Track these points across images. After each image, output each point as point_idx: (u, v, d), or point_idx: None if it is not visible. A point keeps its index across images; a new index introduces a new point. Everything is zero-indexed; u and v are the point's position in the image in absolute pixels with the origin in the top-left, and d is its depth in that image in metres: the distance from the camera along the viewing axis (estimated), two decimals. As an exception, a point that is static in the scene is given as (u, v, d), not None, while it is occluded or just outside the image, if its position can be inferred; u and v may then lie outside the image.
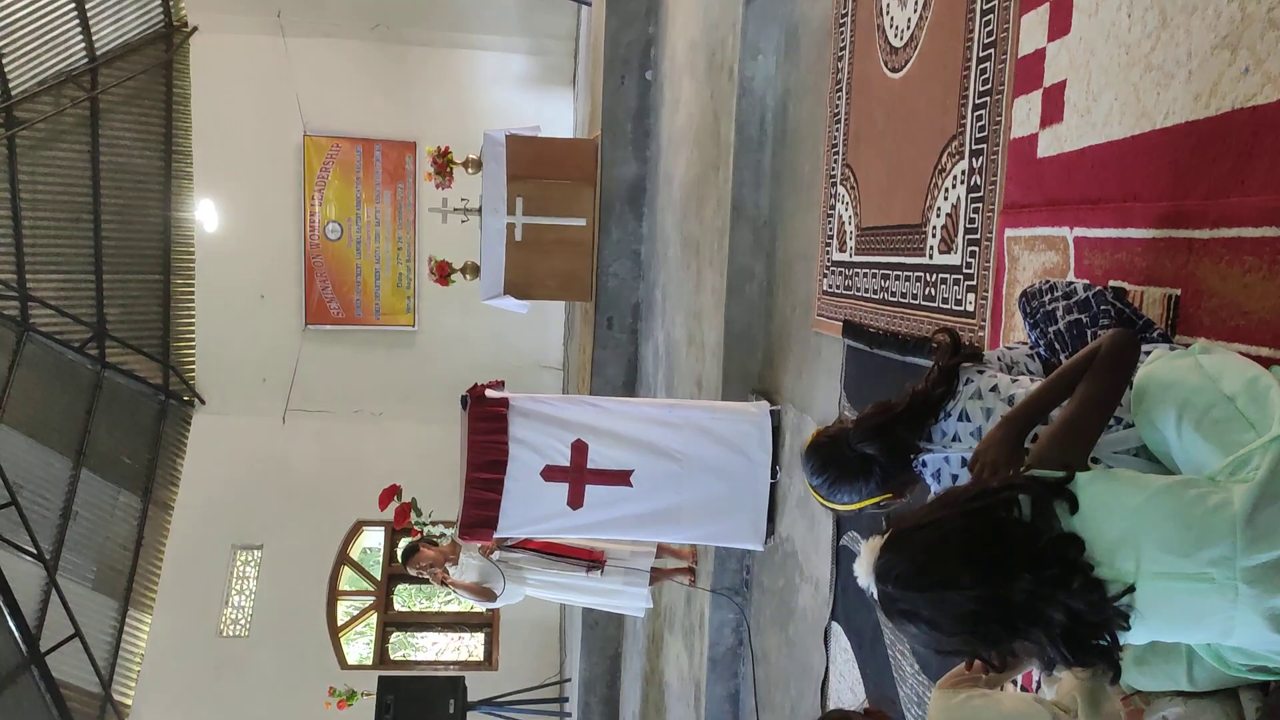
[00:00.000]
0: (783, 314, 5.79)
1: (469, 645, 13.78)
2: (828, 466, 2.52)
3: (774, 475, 5.58)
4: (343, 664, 12.77)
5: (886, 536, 1.85)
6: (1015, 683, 2.86)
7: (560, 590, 6.84)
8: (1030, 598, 1.72)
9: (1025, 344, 2.63)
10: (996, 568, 1.74)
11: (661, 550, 6.87)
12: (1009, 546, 1.75)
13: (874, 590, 1.83)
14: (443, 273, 10.03)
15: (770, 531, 5.65)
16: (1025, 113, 3.07)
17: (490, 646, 13.39)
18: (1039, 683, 2.60)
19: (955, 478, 2.40)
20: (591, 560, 6.70)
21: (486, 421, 5.39)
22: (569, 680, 11.35)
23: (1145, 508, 1.74)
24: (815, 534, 5.15)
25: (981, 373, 2.43)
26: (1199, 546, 1.67)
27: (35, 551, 10.53)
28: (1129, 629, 1.72)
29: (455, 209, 9.74)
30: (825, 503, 2.56)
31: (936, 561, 1.78)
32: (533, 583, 6.74)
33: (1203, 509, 1.69)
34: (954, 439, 2.37)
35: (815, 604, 5.11)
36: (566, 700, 11.34)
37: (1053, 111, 2.93)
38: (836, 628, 4.82)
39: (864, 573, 1.85)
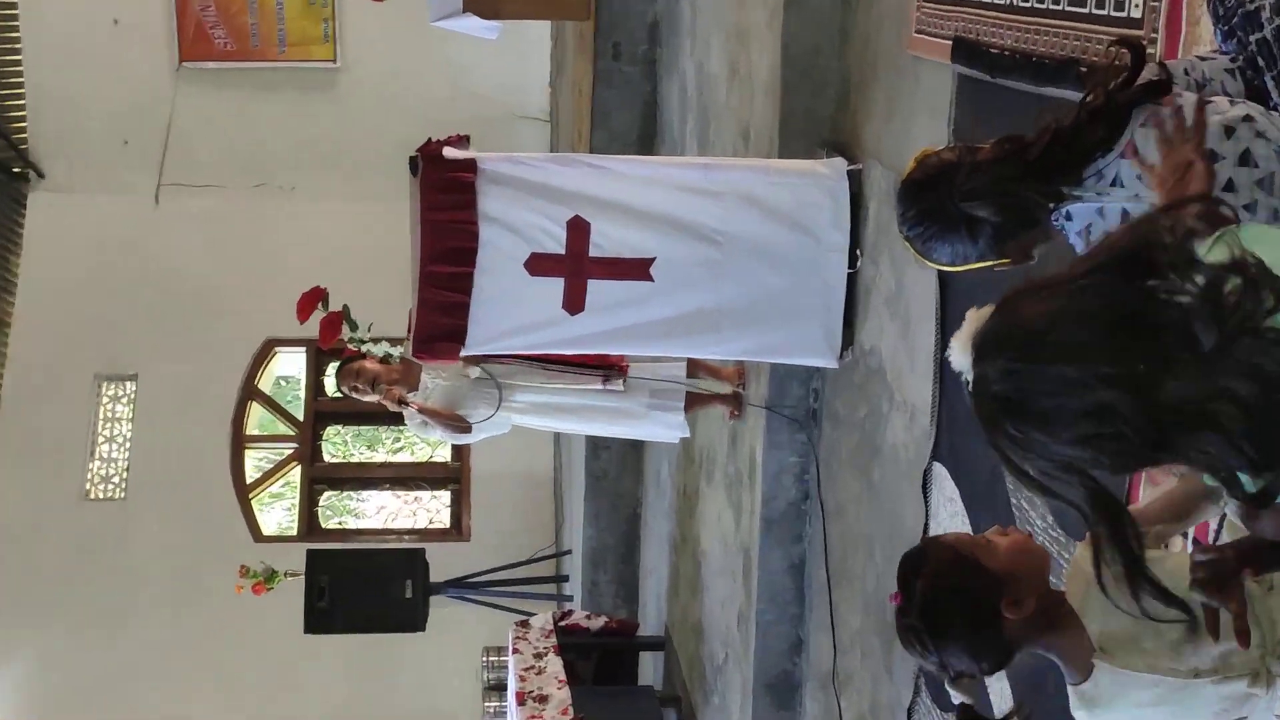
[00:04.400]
0: (864, 31, 5.68)
1: (429, 508, 14.00)
2: (925, 217, 2.61)
3: (853, 263, 5.55)
4: (257, 535, 13.02)
5: (998, 302, 1.86)
6: (1185, 536, 2.93)
7: (563, 414, 7.03)
8: (1195, 377, 1.67)
9: (1227, 54, 2.62)
10: (1147, 343, 1.70)
11: (695, 367, 6.88)
12: (1166, 323, 1.70)
13: (969, 373, 1.85)
14: (373, -19, 9.83)
15: (848, 341, 5.64)
16: None
17: (459, 509, 13.57)
18: (1217, 532, 2.70)
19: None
20: (608, 367, 6.80)
21: (446, 193, 5.39)
22: (568, 553, 11.58)
23: None
24: (910, 342, 5.22)
25: None
26: None
27: None
28: None
29: (386, -115, 9.51)
30: (921, 259, 2.68)
31: (1062, 325, 1.75)
32: (523, 405, 6.85)
33: None
34: (1113, 183, 2.38)
35: (910, 438, 5.22)
36: (565, 580, 11.59)
37: None
38: (939, 469, 4.94)
39: (960, 346, 1.87)
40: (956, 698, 2.36)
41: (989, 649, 2.32)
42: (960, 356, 1.87)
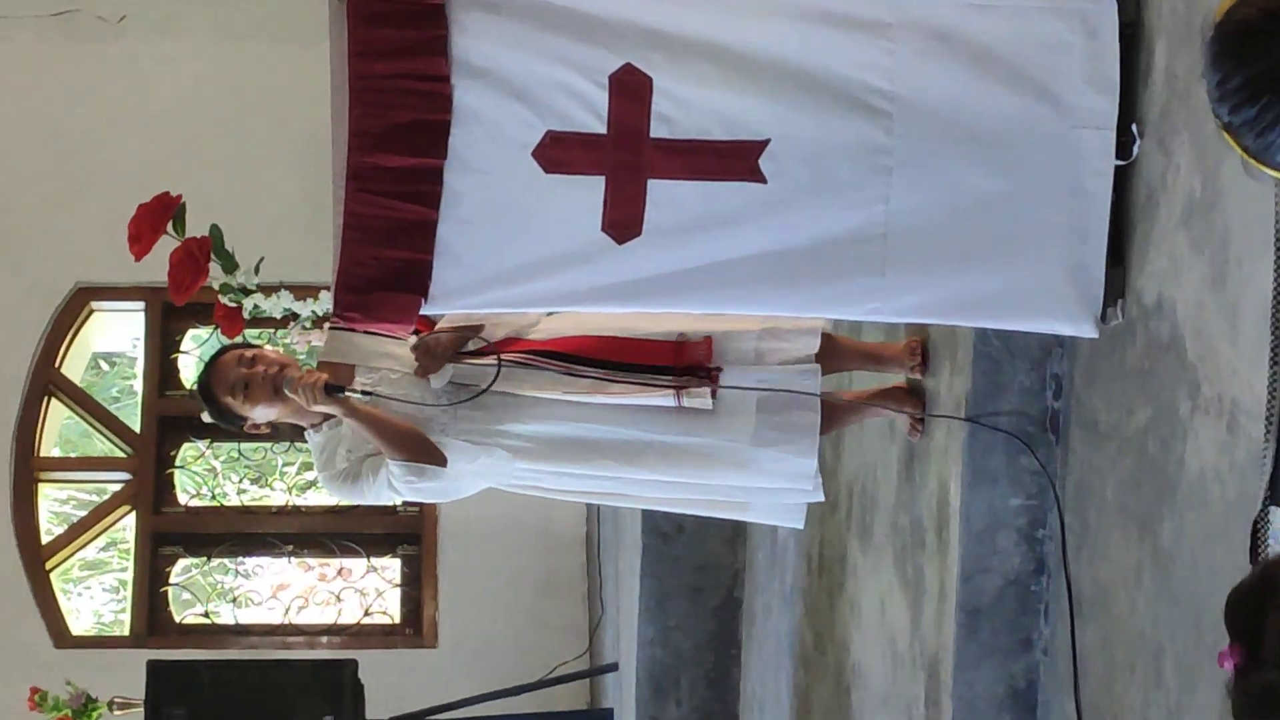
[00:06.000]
0: None
1: (365, 588, 12.01)
2: (1262, 88, 2.30)
3: (1125, 151, 4.58)
4: (60, 635, 11.15)
5: None
6: None
7: (595, 456, 5.78)
8: None
9: None
10: None
11: (837, 351, 5.77)
12: None
13: None
14: None
15: (1115, 291, 4.70)
16: None
17: (418, 591, 11.76)
18: None
19: None
20: (688, 369, 5.63)
21: (394, 26, 4.48)
22: (612, 669, 10.24)
23: None
24: (1228, 293, 4.30)
25: None
26: None
27: None
28: None
29: None
30: (1253, 161, 2.38)
31: None
32: (526, 440, 5.62)
33: None
34: None
35: (1230, 464, 4.22)
36: (608, 716, 10.23)
37: None
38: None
39: None
40: None
41: None
42: None
